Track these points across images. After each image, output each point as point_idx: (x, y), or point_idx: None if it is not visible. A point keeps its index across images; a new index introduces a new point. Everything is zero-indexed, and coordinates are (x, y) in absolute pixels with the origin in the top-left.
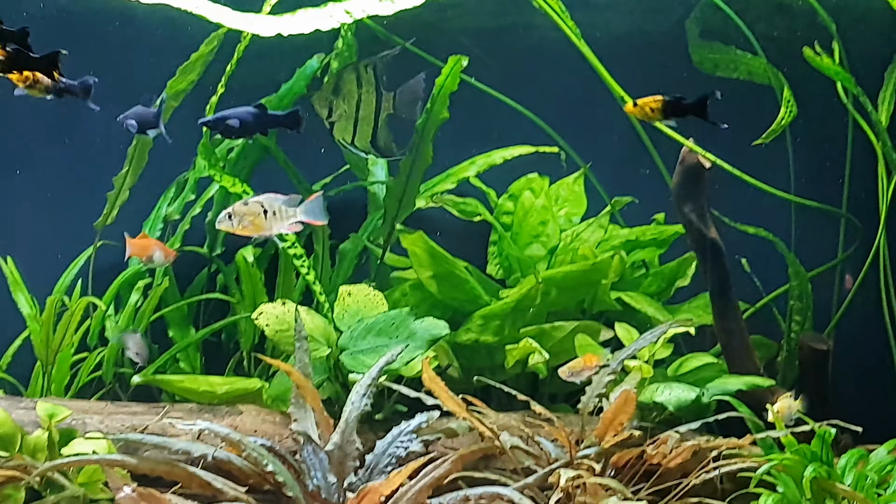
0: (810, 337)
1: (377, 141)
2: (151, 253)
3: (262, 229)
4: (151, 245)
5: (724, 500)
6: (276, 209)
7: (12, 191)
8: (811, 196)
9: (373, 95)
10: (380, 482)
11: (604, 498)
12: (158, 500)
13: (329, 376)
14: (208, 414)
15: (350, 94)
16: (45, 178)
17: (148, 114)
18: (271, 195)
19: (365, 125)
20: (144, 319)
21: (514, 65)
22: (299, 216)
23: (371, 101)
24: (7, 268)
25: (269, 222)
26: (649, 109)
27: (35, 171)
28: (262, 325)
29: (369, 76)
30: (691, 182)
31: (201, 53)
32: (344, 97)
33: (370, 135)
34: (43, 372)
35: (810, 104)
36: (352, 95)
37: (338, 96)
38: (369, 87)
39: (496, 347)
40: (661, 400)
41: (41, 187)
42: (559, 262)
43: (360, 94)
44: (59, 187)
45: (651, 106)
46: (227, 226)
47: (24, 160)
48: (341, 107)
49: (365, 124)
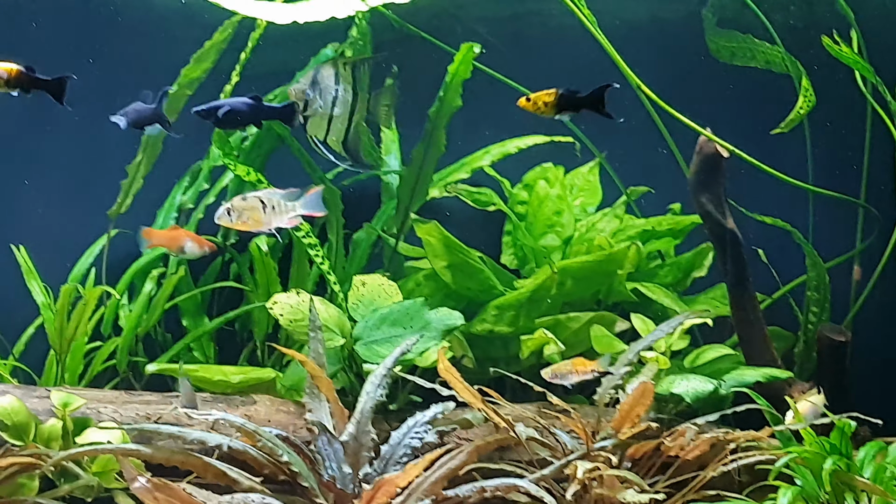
0: (829, 328)
1: (348, 144)
2: (182, 244)
3: (260, 224)
4: (181, 236)
5: (741, 493)
6: (274, 203)
7: (26, 179)
8: (829, 186)
9: (349, 95)
10: (396, 473)
11: (620, 490)
12: (173, 491)
13: (343, 366)
14: (222, 404)
15: (326, 90)
16: (58, 167)
17: (145, 110)
18: (270, 190)
19: (339, 124)
20: (158, 308)
21: (529, 52)
22: (299, 209)
23: (346, 101)
24: (21, 256)
25: (268, 217)
26: (542, 104)
27: (48, 159)
28: (276, 315)
29: (347, 75)
30: (709, 172)
31: (215, 41)
32: (320, 92)
33: (343, 135)
34: (57, 361)
35: (828, 93)
36: (328, 91)
37: (314, 91)
38: (346, 87)
39: (511, 338)
40: (679, 391)
41: (55, 175)
42: (574, 252)
43: (336, 92)
44: (72, 175)
45: (544, 100)
46: (226, 221)
47: (37, 148)
48: (316, 102)
49: (339, 123)
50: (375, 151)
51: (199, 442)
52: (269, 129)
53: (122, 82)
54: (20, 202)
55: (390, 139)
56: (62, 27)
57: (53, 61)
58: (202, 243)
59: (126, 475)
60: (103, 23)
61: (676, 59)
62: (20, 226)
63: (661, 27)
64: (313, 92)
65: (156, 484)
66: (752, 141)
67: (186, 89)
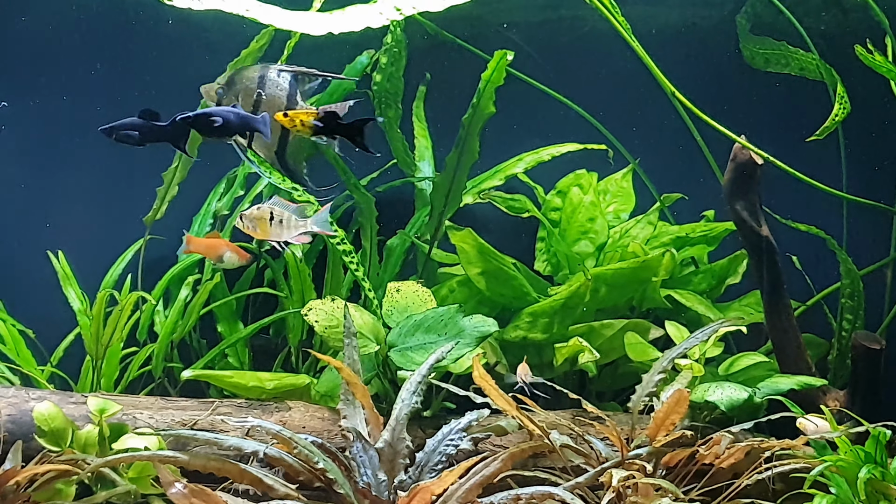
0: (864, 336)
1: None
2: (221, 253)
3: (267, 234)
4: (221, 245)
5: (775, 502)
6: (283, 217)
7: (63, 186)
8: (864, 193)
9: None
10: (431, 481)
11: (655, 498)
12: (210, 497)
13: (377, 373)
14: (257, 410)
15: (247, 94)
16: (95, 174)
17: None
18: (284, 202)
19: None
20: (194, 314)
21: (562, 59)
22: (308, 226)
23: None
24: (58, 263)
25: (275, 229)
26: (299, 122)
27: (85, 166)
28: (311, 322)
29: (279, 82)
30: (743, 179)
31: (251, 49)
32: (237, 94)
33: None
34: (93, 367)
35: (863, 100)
36: (248, 94)
37: (229, 91)
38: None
39: (545, 345)
40: (713, 399)
41: (91, 183)
42: (608, 259)
43: (258, 96)
44: (108, 182)
45: (302, 118)
46: (241, 225)
47: (73, 156)
48: (232, 102)
49: None
50: (409, 157)
51: (235, 448)
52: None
53: (162, 90)
54: (57, 209)
55: (424, 146)
56: (104, 37)
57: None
58: (241, 255)
59: (163, 481)
60: (145, 33)
61: (710, 66)
62: (57, 232)
63: (696, 33)
64: (227, 92)
65: (192, 490)
66: (787, 148)
67: None
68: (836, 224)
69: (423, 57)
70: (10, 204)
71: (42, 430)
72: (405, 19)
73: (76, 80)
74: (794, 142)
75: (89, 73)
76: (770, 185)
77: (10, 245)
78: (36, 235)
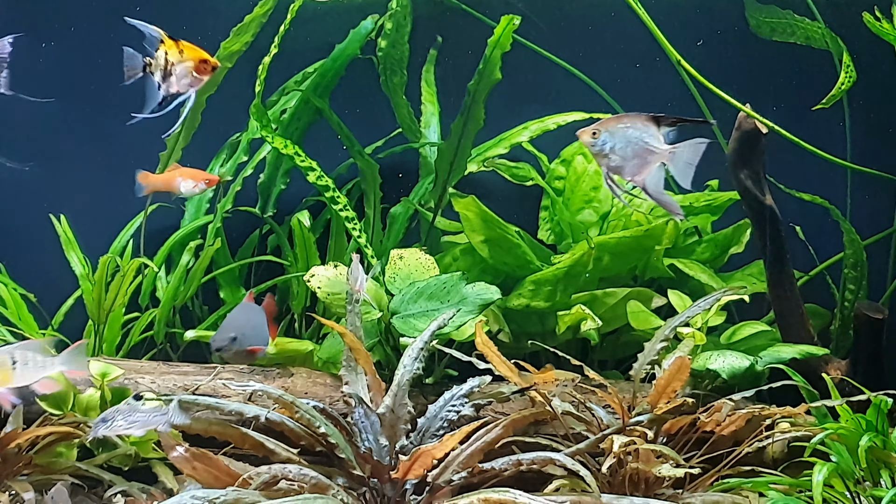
0: (866, 306)
1: None
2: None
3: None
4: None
5: (776, 469)
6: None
7: (66, 151)
8: (868, 163)
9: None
10: (432, 445)
11: (656, 464)
12: (211, 460)
13: (380, 339)
14: (259, 375)
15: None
16: (97, 139)
17: None
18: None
19: None
20: (195, 280)
21: (569, 27)
22: (57, 366)
23: None
24: (60, 227)
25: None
26: None
27: (87, 131)
28: (314, 287)
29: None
30: (747, 148)
31: (255, 15)
32: None
33: None
34: (95, 331)
35: (869, 69)
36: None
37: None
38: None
39: (547, 313)
40: (715, 367)
41: (94, 147)
42: (611, 227)
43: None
44: (111, 147)
45: None
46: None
47: (76, 121)
48: None
49: None
50: (415, 124)
51: (236, 413)
52: (307, 103)
53: None
54: (60, 174)
55: (430, 112)
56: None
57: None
58: (197, 177)
59: (164, 445)
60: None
61: (716, 34)
62: (60, 197)
63: (703, 2)
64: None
65: (194, 454)
66: (792, 116)
67: (226, 62)
68: (840, 193)
69: (428, 22)
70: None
71: (44, 394)
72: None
73: (82, 43)
74: (800, 110)
75: (94, 36)
76: (774, 154)
77: (11, 209)
78: (38, 199)
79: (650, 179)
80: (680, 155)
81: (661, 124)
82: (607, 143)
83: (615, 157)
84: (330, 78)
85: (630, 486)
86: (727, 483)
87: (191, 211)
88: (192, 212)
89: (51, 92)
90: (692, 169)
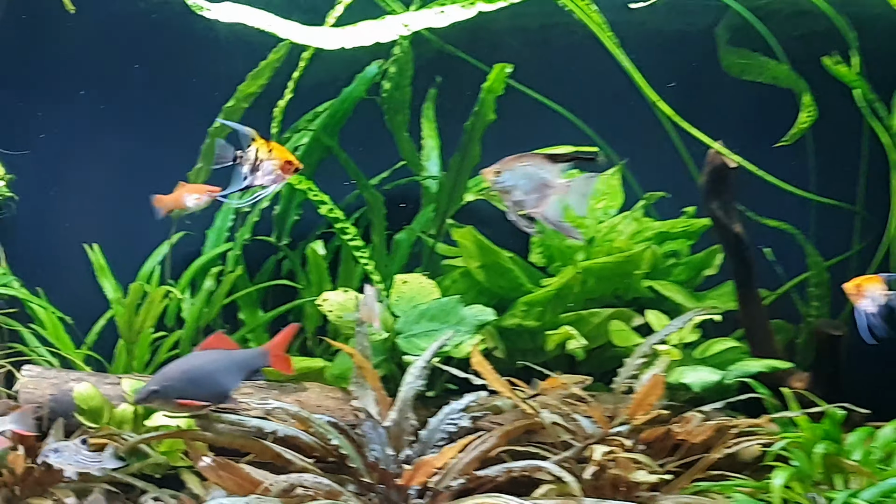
0: (826, 323)
1: None
2: (184, 200)
3: None
4: (182, 193)
5: (745, 473)
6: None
7: (98, 186)
8: (829, 193)
9: None
10: (433, 455)
11: (634, 470)
12: (234, 469)
13: (386, 357)
14: (276, 391)
15: None
16: (127, 173)
17: None
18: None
19: None
20: (218, 303)
21: (556, 65)
22: (7, 425)
23: None
24: (94, 255)
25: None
26: None
27: (117, 169)
28: (325, 311)
29: None
30: (718, 181)
31: (270, 61)
32: None
33: None
34: (126, 350)
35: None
36: None
37: None
38: None
39: (538, 331)
40: (688, 381)
41: (123, 183)
42: (597, 252)
43: None
44: (139, 182)
45: None
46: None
47: (109, 157)
48: None
49: None
50: (416, 158)
51: (256, 428)
52: (318, 141)
53: (187, 94)
54: (94, 205)
55: (431, 146)
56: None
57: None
58: (200, 191)
59: (192, 455)
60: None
61: (691, 73)
62: (94, 227)
63: (680, 42)
64: None
65: (220, 463)
66: (761, 151)
67: (243, 103)
68: (805, 220)
69: (429, 66)
70: (51, 201)
71: (81, 409)
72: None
73: (112, 80)
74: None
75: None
76: (747, 184)
77: (49, 239)
78: (73, 230)
79: (549, 210)
80: (575, 188)
81: (557, 161)
82: (508, 181)
83: (517, 193)
84: (339, 118)
85: (611, 490)
86: (699, 486)
87: (212, 239)
88: (213, 240)
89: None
90: (586, 199)
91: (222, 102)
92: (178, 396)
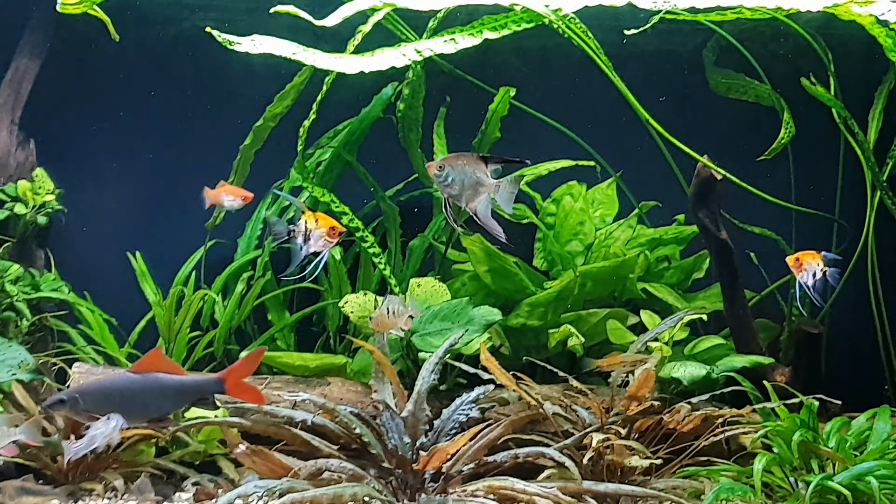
0: (805, 322)
1: None
2: (221, 199)
3: None
4: (220, 192)
5: (729, 459)
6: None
7: (139, 201)
8: (809, 203)
9: None
10: (446, 443)
11: (628, 456)
12: (267, 455)
13: (402, 354)
14: (302, 385)
15: None
16: (165, 186)
17: None
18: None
19: None
20: (248, 305)
21: (557, 83)
22: (16, 435)
23: None
24: (136, 262)
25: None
26: None
27: (157, 180)
28: (347, 312)
29: None
30: (705, 191)
31: (295, 84)
32: None
33: None
34: (166, 349)
35: (810, 123)
36: None
37: None
38: None
39: (541, 330)
40: (677, 376)
41: (162, 195)
42: (594, 257)
43: None
44: (176, 194)
45: None
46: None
47: (148, 172)
48: None
49: None
50: None
51: (287, 417)
52: (338, 157)
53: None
54: (136, 216)
55: None
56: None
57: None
58: (236, 193)
59: (228, 443)
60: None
61: (681, 90)
62: (136, 236)
63: (670, 61)
64: None
65: (254, 450)
66: (747, 163)
67: (270, 122)
68: (787, 228)
69: (440, 87)
70: (97, 213)
71: None
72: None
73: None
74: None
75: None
76: (734, 194)
77: (95, 248)
78: (117, 240)
79: (480, 207)
80: (503, 188)
81: (489, 163)
82: (449, 176)
83: (455, 188)
84: (357, 136)
85: (608, 474)
86: (687, 471)
87: (242, 246)
88: (244, 247)
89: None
90: (513, 198)
91: (252, 122)
92: (89, 411)
